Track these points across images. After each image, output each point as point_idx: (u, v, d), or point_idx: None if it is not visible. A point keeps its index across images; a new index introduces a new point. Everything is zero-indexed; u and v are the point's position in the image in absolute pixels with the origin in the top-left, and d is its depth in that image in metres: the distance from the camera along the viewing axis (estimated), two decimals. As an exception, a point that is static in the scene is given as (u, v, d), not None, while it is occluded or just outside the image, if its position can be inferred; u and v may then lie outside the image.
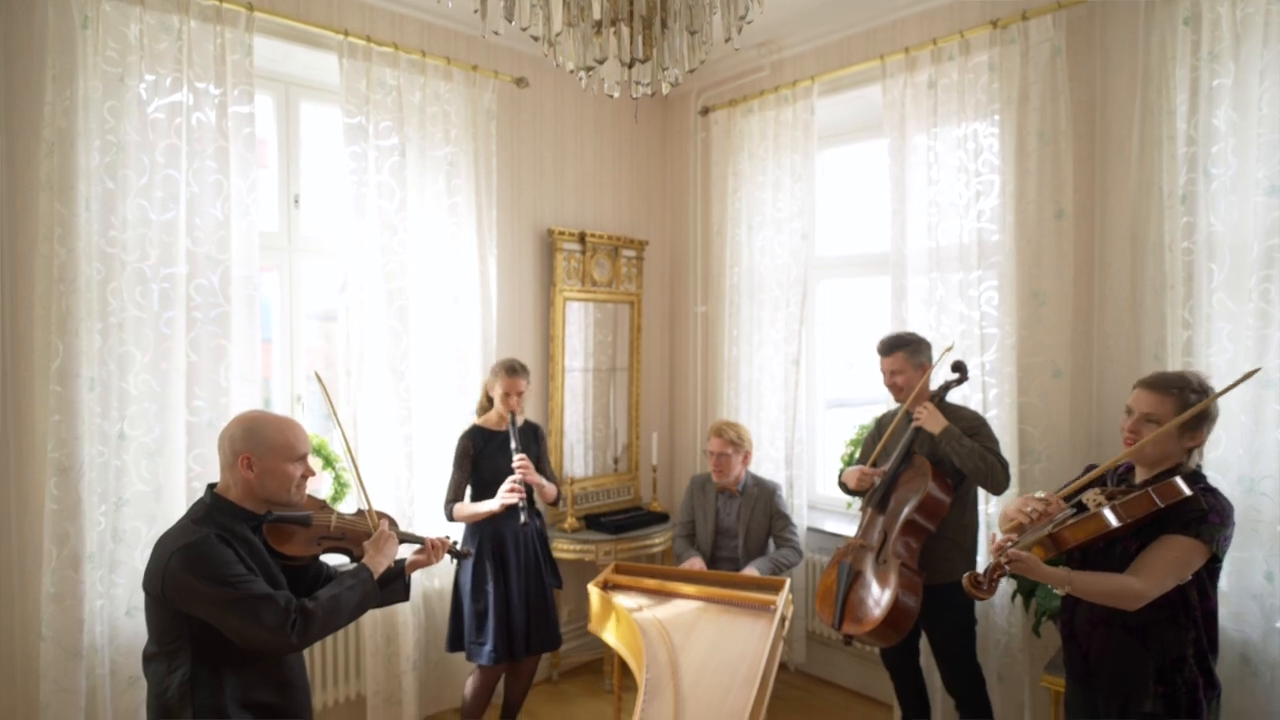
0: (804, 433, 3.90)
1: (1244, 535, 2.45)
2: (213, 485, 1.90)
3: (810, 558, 3.84)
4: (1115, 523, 1.83)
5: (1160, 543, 1.86)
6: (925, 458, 2.80)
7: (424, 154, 3.40)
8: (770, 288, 3.91)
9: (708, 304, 4.34)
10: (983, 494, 2.98)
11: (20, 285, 2.58)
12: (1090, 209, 3.00)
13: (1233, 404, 2.46)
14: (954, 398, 2.93)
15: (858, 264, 4.02)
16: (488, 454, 3.13)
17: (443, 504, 3.13)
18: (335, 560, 2.21)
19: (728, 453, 3.37)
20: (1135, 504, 1.83)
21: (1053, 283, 2.98)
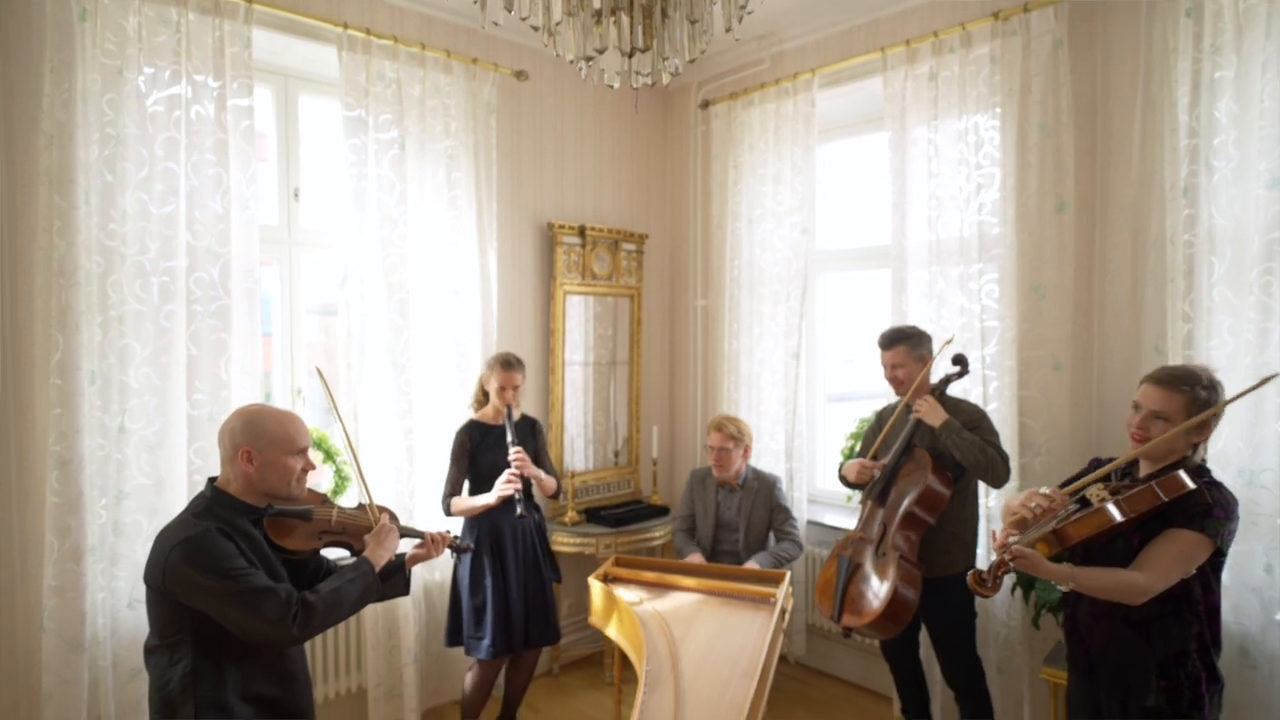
0: (804, 426, 3.90)
1: (1244, 528, 2.44)
2: (213, 479, 1.90)
3: (810, 551, 3.84)
4: (1119, 518, 1.83)
5: (1164, 537, 1.85)
6: (925, 451, 2.80)
7: (424, 147, 3.40)
8: (770, 281, 3.91)
9: (708, 297, 4.34)
10: (983, 487, 2.98)
11: (20, 278, 2.58)
12: (1091, 202, 2.99)
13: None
14: (954, 391, 2.93)
15: (858, 257, 4.01)
16: (484, 448, 3.12)
17: (440, 499, 3.14)
18: (335, 554, 2.21)
19: (728, 447, 3.37)
20: (1139, 499, 1.82)
21: (1053, 276, 2.98)
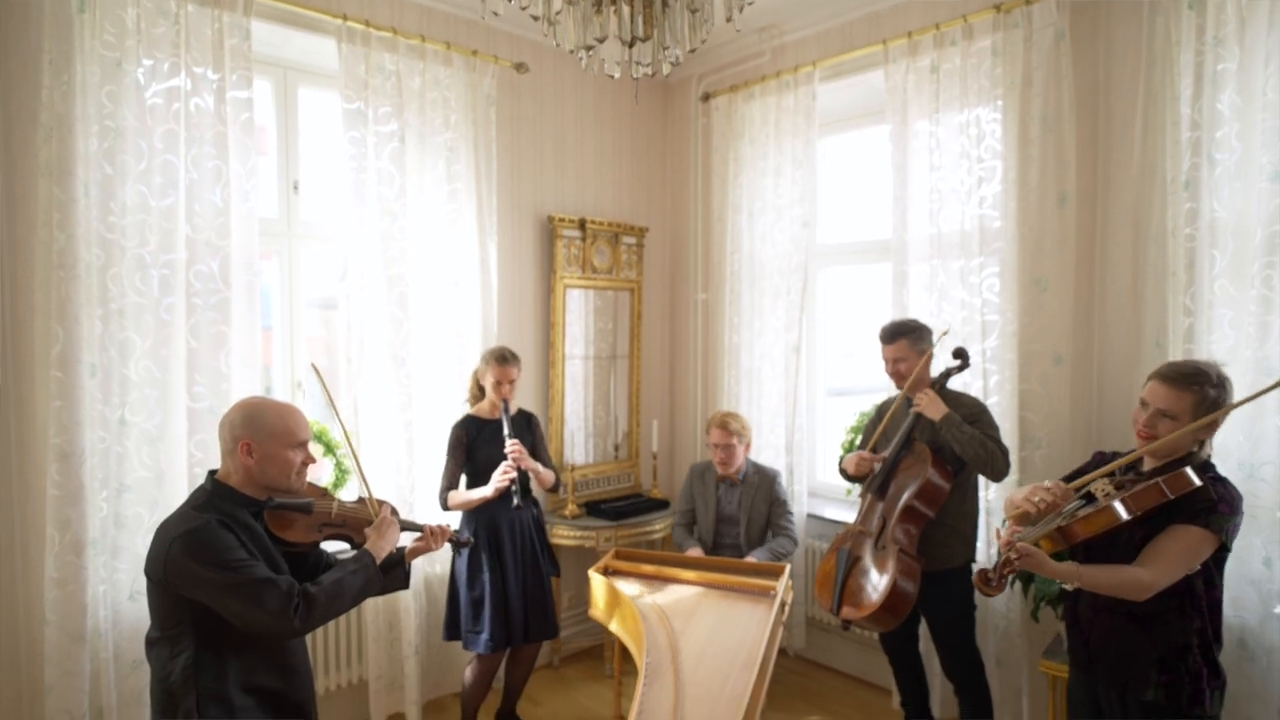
0: (804, 420, 3.90)
1: (1243, 521, 2.44)
2: (214, 472, 1.90)
3: (810, 544, 3.85)
4: (1126, 516, 1.81)
5: (1169, 533, 1.84)
6: (925, 444, 2.80)
7: (424, 140, 3.39)
8: (771, 275, 3.90)
9: (708, 291, 4.33)
10: (983, 481, 2.98)
11: (20, 271, 2.57)
12: (1093, 195, 2.99)
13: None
14: (955, 384, 2.93)
15: (859, 251, 4.01)
16: (481, 443, 3.11)
17: (437, 493, 3.13)
18: (335, 547, 2.21)
19: (732, 444, 3.37)
20: (1145, 496, 1.80)
21: (1054, 269, 2.97)
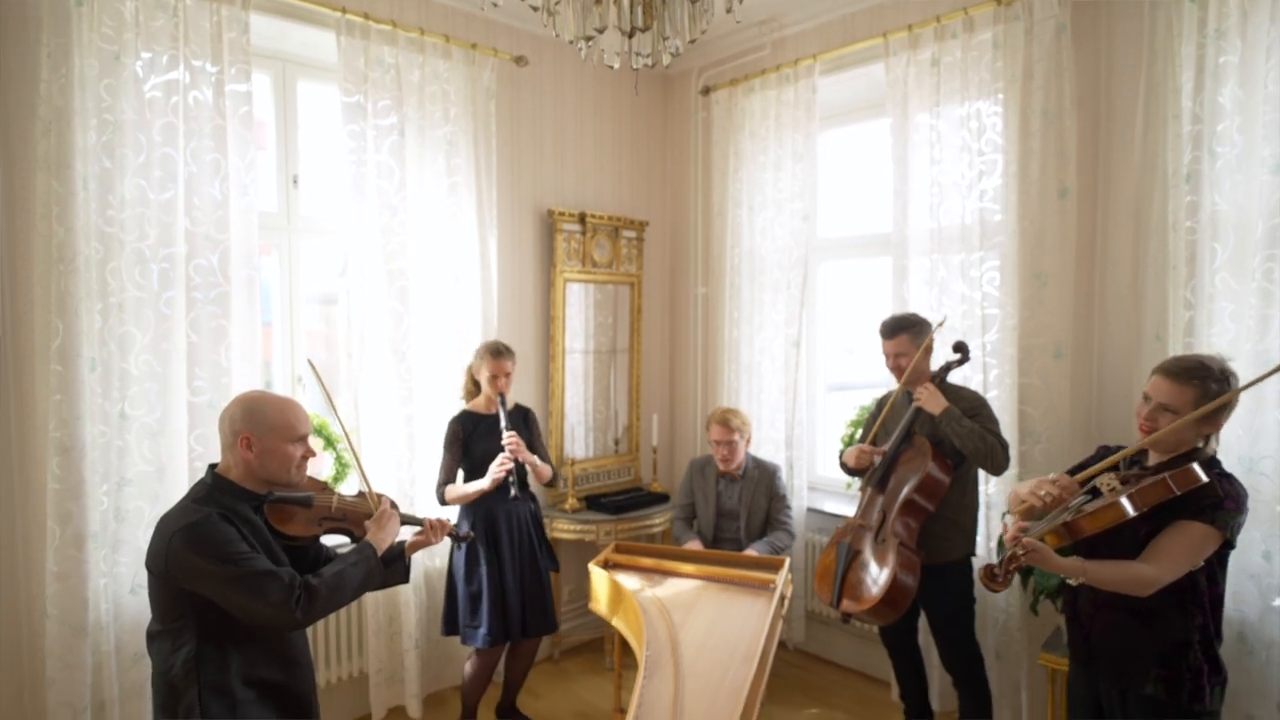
0: (804, 414, 3.90)
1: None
2: (214, 465, 1.90)
3: (810, 538, 3.85)
4: (1132, 512, 1.80)
5: (1174, 529, 1.83)
6: (925, 438, 2.80)
7: (423, 133, 3.38)
8: (771, 269, 3.90)
9: (708, 285, 4.33)
10: (983, 475, 2.98)
11: (19, 265, 2.57)
12: (1093, 188, 2.98)
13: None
14: (955, 378, 2.93)
15: (859, 245, 4.00)
16: (478, 437, 3.11)
17: (434, 488, 3.13)
18: (335, 541, 2.21)
19: (733, 440, 3.37)
20: (1151, 491, 1.80)
21: (1055, 263, 2.97)
